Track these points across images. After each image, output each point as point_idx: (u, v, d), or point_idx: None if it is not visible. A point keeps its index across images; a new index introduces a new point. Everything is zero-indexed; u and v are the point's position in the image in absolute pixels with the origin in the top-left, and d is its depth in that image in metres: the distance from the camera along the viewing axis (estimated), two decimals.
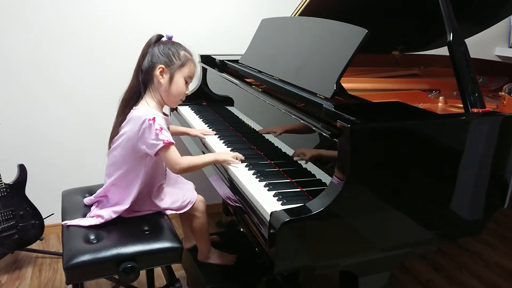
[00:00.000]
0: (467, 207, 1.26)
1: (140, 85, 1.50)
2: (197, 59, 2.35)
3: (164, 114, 1.54)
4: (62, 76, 2.31)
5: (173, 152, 1.42)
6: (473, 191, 1.26)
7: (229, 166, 1.47)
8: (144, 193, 1.54)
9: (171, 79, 1.49)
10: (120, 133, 1.50)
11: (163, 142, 1.39)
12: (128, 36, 2.34)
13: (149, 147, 1.42)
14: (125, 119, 1.49)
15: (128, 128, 1.46)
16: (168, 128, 1.54)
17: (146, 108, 1.47)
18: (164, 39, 1.54)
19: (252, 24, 2.12)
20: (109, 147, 1.54)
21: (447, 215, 1.25)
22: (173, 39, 1.55)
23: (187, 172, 1.47)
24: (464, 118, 1.23)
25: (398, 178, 1.16)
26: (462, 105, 1.29)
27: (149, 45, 1.51)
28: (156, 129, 1.39)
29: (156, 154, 1.42)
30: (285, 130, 1.51)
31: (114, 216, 1.50)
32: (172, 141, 1.42)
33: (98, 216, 1.50)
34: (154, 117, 1.41)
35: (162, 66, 1.47)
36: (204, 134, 1.82)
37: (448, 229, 1.28)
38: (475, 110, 1.24)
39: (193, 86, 2.45)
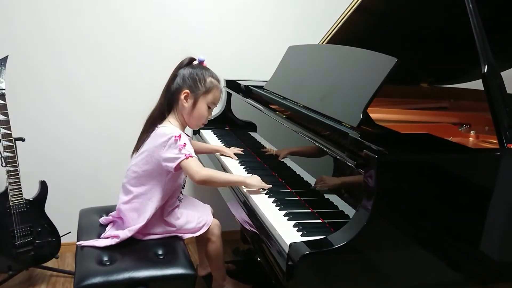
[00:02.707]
0: (498, 248, 1.18)
1: (166, 105, 1.53)
2: (222, 83, 2.37)
3: (186, 134, 1.54)
4: (88, 95, 2.34)
5: (194, 162, 1.43)
6: (505, 232, 1.18)
7: (248, 193, 1.44)
8: (158, 214, 1.52)
9: (194, 104, 1.52)
10: (142, 149, 1.51)
11: (185, 155, 1.42)
12: (154, 58, 2.37)
13: (170, 161, 1.43)
14: (149, 137, 1.51)
15: (151, 144, 1.48)
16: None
17: (171, 127, 1.50)
18: (195, 62, 1.57)
19: (278, 51, 2.11)
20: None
21: (477, 256, 1.17)
22: (205, 63, 1.57)
23: (206, 183, 1.45)
24: (499, 154, 1.16)
25: (426, 214, 1.10)
26: (494, 141, 1.23)
27: (179, 67, 1.54)
28: (180, 145, 1.43)
29: (177, 168, 1.43)
30: (291, 152, 1.50)
31: (129, 235, 1.47)
32: (194, 155, 1.45)
33: (114, 236, 1.48)
34: (180, 134, 1.45)
35: (187, 91, 1.51)
36: (235, 153, 1.84)
37: (478, 271, 1.20)
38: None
39: (217, 110, 2.44)
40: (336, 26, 1.94)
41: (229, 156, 1.82)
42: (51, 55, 2.26)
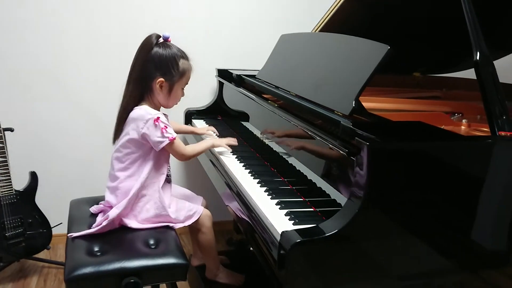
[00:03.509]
0: (489, 236, 1.19)
1: (138, 91, 1.51)
2: (214, 73, 2.36)
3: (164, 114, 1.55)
4: (77, 86, 2.32)
5: (178, 145, 1.52)
6: (496, 219, 1.19)
7: (241, 182, 1.43)
8: (149, 195, 1.51)
9: (170, 90, 1.52)
10: (122, 135, 1.51)
11: (169, 139, 1.46)
12: None
13: (154, 144, 1.47)
14: (126, 123, 1.51)
15: (129, 128, 1.49)
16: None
17: (147, 108, 1.50)
18: (161, 40, 1.51)
19: (270, 39, 2.10)
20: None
21: (468, 244, 1.17)
22: (170, 40, 1.53)
23: (191, 158, 1.61)
24: (491, 141, 1.16)
25: (417, 202, 1.10)
26: (486, 129, 1.23)
27: (147, 51, 1.48)
28: (162, 128, 1.45)
29: (161, 149, 1.48)
30: (286, 134, 1.50)
31: (118, 211, 1.45)
32: (176, 136, 1.50)
33: (104, 219, 1.46)
34: (158, 117, 1.46)
35: (162, 79, 1.49)
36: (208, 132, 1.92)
37: (469, 259, 1.21)
38: (503, 133, 1.17)
39: (208, 100, 2.43)
40: (329, 14, 1.92)
41: (203, 134, 1.91)
42: (40, 45, 2.22)
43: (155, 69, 1.48)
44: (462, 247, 1.18)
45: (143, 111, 1.47)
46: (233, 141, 1.70)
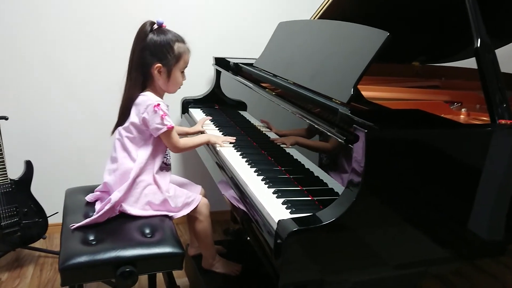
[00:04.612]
0: (487, 225, 1.18)
1: (139, 79, 1.52)
2: (211, 61, 2.33)
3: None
4: (72, 74, 2.29)
5: (174, 135, 1.53)
6: (494, 208, 1.18)
7: (238, 171, 1.42)
8: (146, 180, 1.51)
9: (168, 75, 1.53)
10: (127, 120, 1.53)
11: (167, 127, 1.48)
12: None
13: (153, 130, 1.49)
14: (129, 114, 1.52)
15: (133, 112, 1.51)
16: None
17: (149, 94, 1.52)
18: (155, 26, 1.52)
19: (268, 27, 2.07)
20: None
21: (465, 233, 1.17)
22: (165, 25, 1.53)
23: (184, 151, 1.63)
24: (491, 129, 1.15)
25: (415, 190, 1.09)
26: (485, 118, 1.21)
27: (143, 39, 1.50)
28: (162, 115, 1.47)
29: (159, 136, 1.50)
30: (297, 143, 1.47)
31: (120, 195, 1.45)
32: (173, 125, 1.51)
33: (107, 202, 1.44)
34: (159, 103, 1.47)
35: (159, 65, 1.50)
36: (203, 126, 1.90)
37: (466, 248, 1.20)
38: (503, 121, 1.15)
39: (206, 89, 2.41)
40: (328, 1, 1.89)
41: (198, 131, 1.86)
42: (36, 33, 2.19)
43: (151, 56, 1.49)
44: (459, 235, 1.17)
45: (145, 97, 1.50)
46: (231, 139, 1.69)
